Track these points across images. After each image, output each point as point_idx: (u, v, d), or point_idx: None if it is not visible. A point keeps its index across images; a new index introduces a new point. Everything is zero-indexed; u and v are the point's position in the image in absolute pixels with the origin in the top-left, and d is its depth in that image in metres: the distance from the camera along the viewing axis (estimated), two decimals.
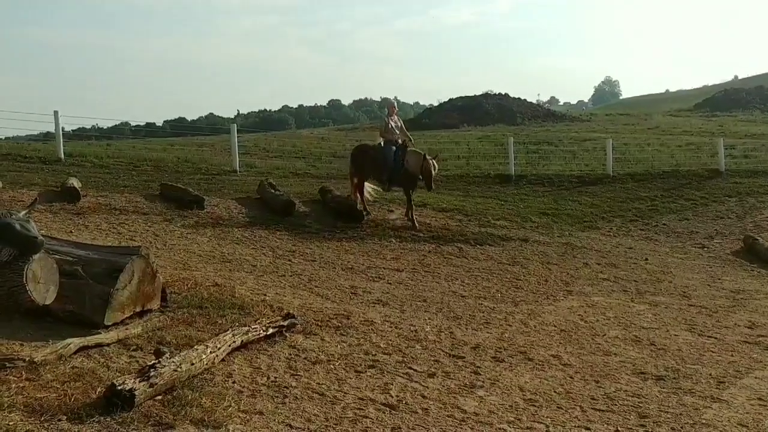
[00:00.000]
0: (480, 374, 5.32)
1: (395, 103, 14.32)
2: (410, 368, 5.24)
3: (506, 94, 46.07)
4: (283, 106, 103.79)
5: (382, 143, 12.68)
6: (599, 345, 6.60)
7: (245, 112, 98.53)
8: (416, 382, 4.97)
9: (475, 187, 16.78)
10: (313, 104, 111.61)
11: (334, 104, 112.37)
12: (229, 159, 16.95)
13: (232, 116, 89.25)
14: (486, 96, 45.61)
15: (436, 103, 55.46)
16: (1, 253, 3.97)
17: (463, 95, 46.48)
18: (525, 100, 46.92)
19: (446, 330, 6.52)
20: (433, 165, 12.24)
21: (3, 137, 22.53)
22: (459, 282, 9.18)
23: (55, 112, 15.96)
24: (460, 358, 5.69)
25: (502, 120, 39.35)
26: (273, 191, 12.80)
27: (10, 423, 3.38)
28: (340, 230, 11.49)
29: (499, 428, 4.31)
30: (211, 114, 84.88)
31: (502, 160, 19.42)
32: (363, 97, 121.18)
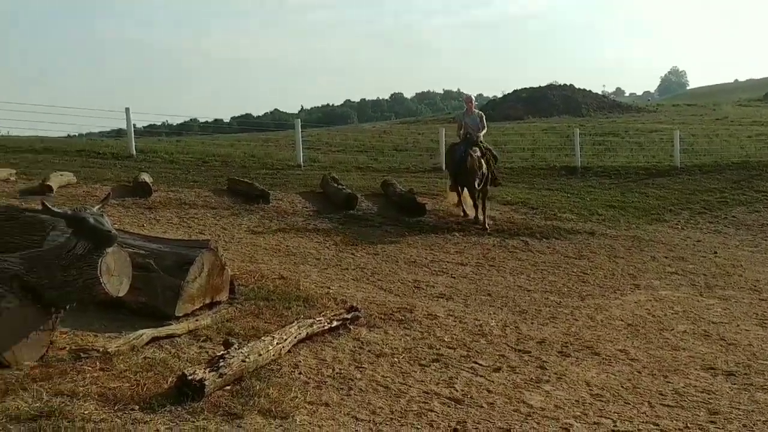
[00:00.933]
0: (546, 369, 5.23)
1: (473, 98, 13.66)
2: (475, 362, 5.19)
3: (571, 86, 45.28)
4: (345, 101, 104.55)
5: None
6: (667, 340, 6.41)
7: (309, 108, 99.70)
8: (481, 376, 4.92)
9: (540, 179, 16.50)
10: (375, 98, 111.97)
11: (396, 97, 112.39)
12: (293, 154, 17.16)
13: (296, 112, 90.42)
14: (551, 87, 44.90)
15: (500, 95, 54.88)
16: (76, 247, 4.09)
17: (527, 86, 45.88)
18: (590, 91, 46.03)
19: (511, 324, 6.44)
20: (475, 159, 11.36)
21: (77, 134, 23.44)
22: (524, 276, 9.05)
23: (127, 109, 16.46)
24: (526, 352, 5.61)
25: (568, 111, 38.65)
26: (336, 185, 12.88)
27: (85, 412, 3.50)
28: (403, 224, 11.47)
29: (566, 423, 4.22)
30: (276, 110, 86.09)
31: (567, 151, 19.05)
32: (425, 90, 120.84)
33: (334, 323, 5.50)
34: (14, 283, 4.05)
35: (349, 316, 5.67)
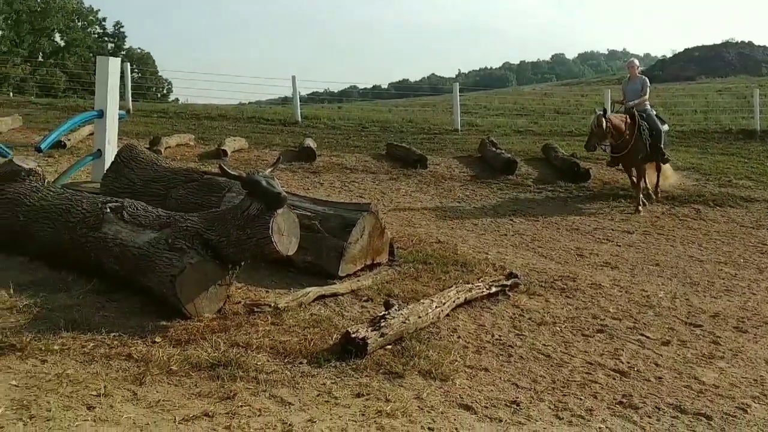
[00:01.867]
0: (720, 344, 4.87)
1: (635, 62, 11.72)
2: (642, 335, 4.94)
3: (750, 42, 41.39)
4: (503, 63, 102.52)
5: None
6: None
7: (466, 71, 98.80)
8: (649, 349, 4.68)
9: (714, 143, 15.27)
10: (535, 59, 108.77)
11: (558, 59, 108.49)
12: (450, 118, 17.10)
13: (453, 76, 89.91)
14: (726, 45, 41.36)
15: (669, 54, 51.32)
16: (250, 208, 4.32)
17: (700, 45, 42.54)
18: None
19: (682, 296, 6.06)
20: (596, 120, 10.15)
21: (247, 101, 24.81)
22: (696, 246, 8.47)
23: (293, 77, 17.16)
24: (698, 326, 5.25)
25: (745, 71, 35.51)
26: (494, 149, 12.69)
27: (258, 363, 3.72)
28: (564, 190, 11.12)
29: (742, 403, 3.91)
30: (433, 74, 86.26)
31: (745, 114, 17.45)
32: (589, 50, 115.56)
33: (493, 289, 5.45)
34: (196, 241, 4.36)
35: (508, 282, 5.59)
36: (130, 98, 16.88)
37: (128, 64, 17.38)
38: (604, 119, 10.07)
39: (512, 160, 12.03)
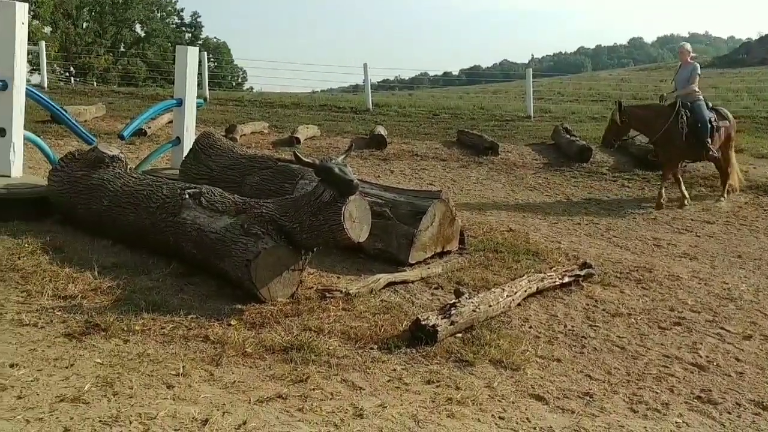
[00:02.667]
0: None
1: (686, 47, 10.37)
2: (722, 328, 4.77)
3: None
4: (578, 48, 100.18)
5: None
6: None
7: (539, 57, 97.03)
8: (729, 343, 4.51)
9: None
10: (611, 44, 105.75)
11: (635, 42, 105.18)
12: (522, 105, 16.83)
13: (526, 61, 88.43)
14: None
15: (755, 36, 48.93)
16: (323, 194, 4.38)
17: None
18: None
19: (765, 290, 5.82)
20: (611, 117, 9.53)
21: (319, 90, 25.10)
22: None
23: (365, 65, 17.24)
24: None
25: None
26: (568, 136, 12.42)
27: (330, 347, 3.78)
28: (641, 178, 10.78)
29: None
30: (505, 60, 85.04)
31: None
32: (668, 34, 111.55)
33: (566, 279, 5.36)
34: (270, 227, 4.45)
35: (582, 272, 5.49)
36: (207, 87, 17.32)
37: (205, 53, 17.82)
38: (618, 113, 9.42)
39: (587, 147, 11.74)
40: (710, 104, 9.96)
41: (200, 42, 46.33)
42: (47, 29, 39.00)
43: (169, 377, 3.24)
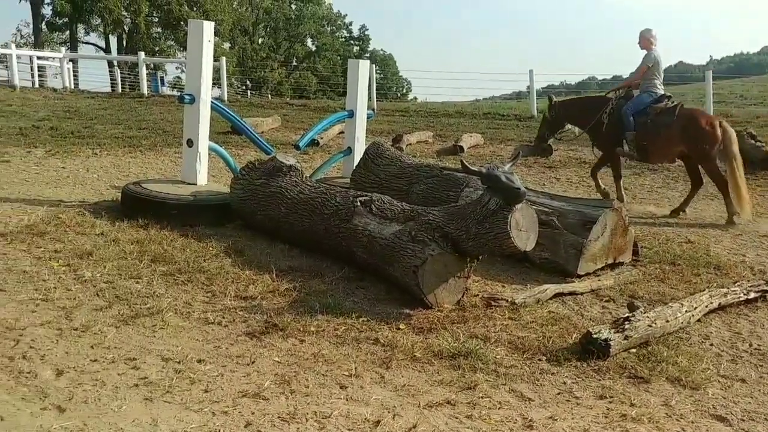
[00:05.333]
0: None
1: (648, 32, 9.00)
2: None
3: None
4: (762, 48, 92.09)
5: None
6: None
7: (718, 58, 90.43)
8: None
9: None
10: None
11: None
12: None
13: (704, 63, 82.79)
14: None
15: None
16: (489, 202, 4.37)
17: None
18: None
19: None
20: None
21: (482, 98, 25.04)
22: None
23: (530, 71, 16.98)
24: None
25: None
26: (753, 142, 11.46)
27: (497, 356, 3.76)
28: None
29: None
30: (681, 62, 79.95)
31: None
32: None
33: (752, 294, 4.97)
34: (436, 234, 4.51)
35: None
36: (375, 98, 17.86)
37: (373, 65, 18.41)
38: (548, 107, 9.39)
39: None
40: (675, 102, 8.96)
41: (367, 55, 47.89)
42: (226, 45, 42.09)
43: (342, 378, 3.38)
